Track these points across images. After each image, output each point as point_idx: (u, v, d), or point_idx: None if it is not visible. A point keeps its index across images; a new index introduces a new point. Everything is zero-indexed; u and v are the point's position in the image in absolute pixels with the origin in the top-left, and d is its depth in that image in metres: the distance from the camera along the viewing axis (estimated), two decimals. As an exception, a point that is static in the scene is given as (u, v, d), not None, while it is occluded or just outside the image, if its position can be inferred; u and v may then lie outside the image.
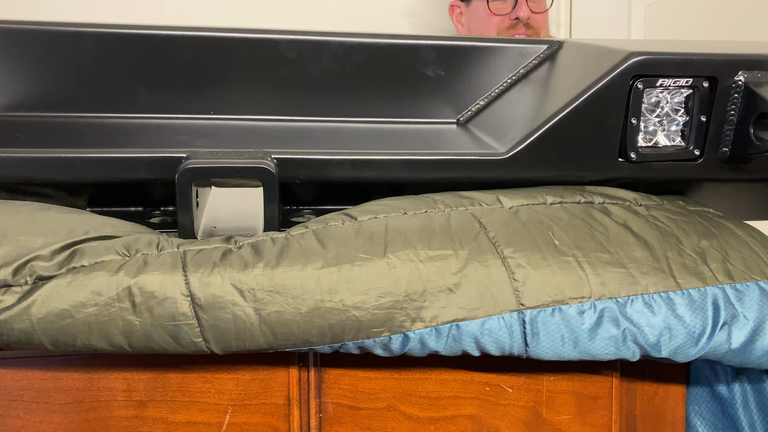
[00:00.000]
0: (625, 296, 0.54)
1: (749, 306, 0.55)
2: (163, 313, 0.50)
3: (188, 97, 0.72)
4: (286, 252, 0.53)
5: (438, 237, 0.56)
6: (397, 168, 0.63)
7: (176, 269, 0.51)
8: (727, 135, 0.65)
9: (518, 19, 1.36)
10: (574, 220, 0.59)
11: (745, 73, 0.63)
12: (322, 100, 0.75)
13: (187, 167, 0.56)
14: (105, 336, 0.50)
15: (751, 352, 0.54)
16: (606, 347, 0.53)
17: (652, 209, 0.63)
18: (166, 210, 0.66)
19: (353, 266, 0.52)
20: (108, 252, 0.52)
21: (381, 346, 0.53)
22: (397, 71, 0.75)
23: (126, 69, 0.70)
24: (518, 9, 1.36)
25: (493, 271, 0.54)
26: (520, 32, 1.37)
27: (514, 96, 0.75)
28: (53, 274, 0.50)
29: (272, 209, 0.58)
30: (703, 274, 0.56)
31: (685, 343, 0.54)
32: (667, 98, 0.66)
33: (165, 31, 0.71)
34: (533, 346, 0.53)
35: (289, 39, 0.72)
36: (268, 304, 0.50)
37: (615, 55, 0.63)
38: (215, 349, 0.52)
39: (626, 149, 0.64)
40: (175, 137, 0.67)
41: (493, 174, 0.64)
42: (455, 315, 0.53)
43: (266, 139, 0.69)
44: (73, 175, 0.59)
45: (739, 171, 0.67)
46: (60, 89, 0.70)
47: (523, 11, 1.36)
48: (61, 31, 0.69)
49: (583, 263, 0.55)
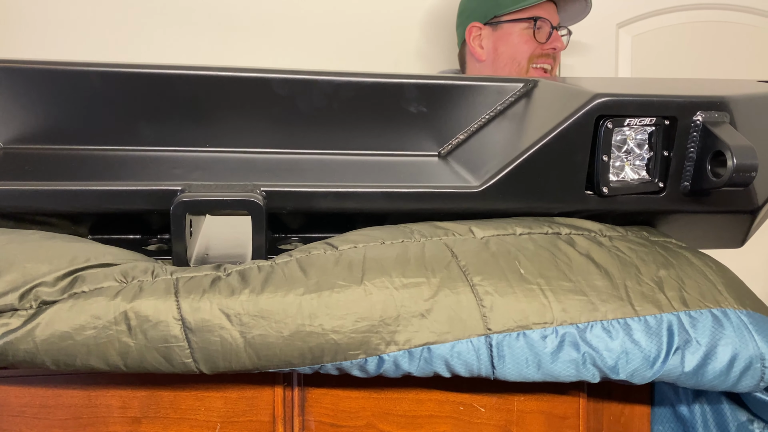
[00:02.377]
0: (585, 322, 0.58)
1: (702, 332, 0.59)
2: (156, 335, 0.54)
3: (185, 131, 0.77)
4: (270, 279, 0.57)
5: (412, 265, 0.60)
6: (377, 199, 0.68)
7: (169, 295, 0.55)
8: (687, 170, 0.70)
9: (555, 49, 1.44)
10: (539, 250, 0.63)
11: (702, 113, 0.68)
12: (311, 134, 0.79)
13: (182, 200, 0.60)
14: (102, 356, 0.54)
15: (704, 375, 0.58)
16: (567, 369, 0.57)
17: (615, 240, 0.67)
18: (162, 238, 0.71)
19: (332, 293, 0.57)
20: (107, 279, 0.56)
21: (358, 367, 0.57)
22: (382, 107, 0.80)
23: (127, 105, 0.75)
24: (555, 40, 1.44)
25: (462, 297, 0.58)
26: (548, 61, 1.45)
27: (491, 131, 0.80)
28: (56, 299, 0.54)
29: (260, 238, 0.62)
30: (659, 301, 0.60)
31: (641, 366, 0.58)
32: (632, 135, 0.70)
33: (164, 69, 0.76)
34: (499, 368, 0.57)
35: (281, 78, 0.77)
36: (252, 327, 0.55)
37: (582, 96, 0.68)
38: (204, 369, 0.56)
39: (599, 184, 0.68)
40: (172, 170, 0.72)
41: (468, 205, 0.68)
42: (427, 339, 0.57)
43: (257, 172, 0.74)
44: (76, 205, 0.64)
45: (699, 203, 0.71)
46: (66, 123, 0.75)
47: (560, 43, 1.45)
48: (67, 70, 0.74)
49: (547, 291, 0.59)
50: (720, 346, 0.58)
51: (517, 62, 1.45)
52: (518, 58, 1.45)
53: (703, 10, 1.76)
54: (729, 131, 0.66)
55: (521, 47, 1.44)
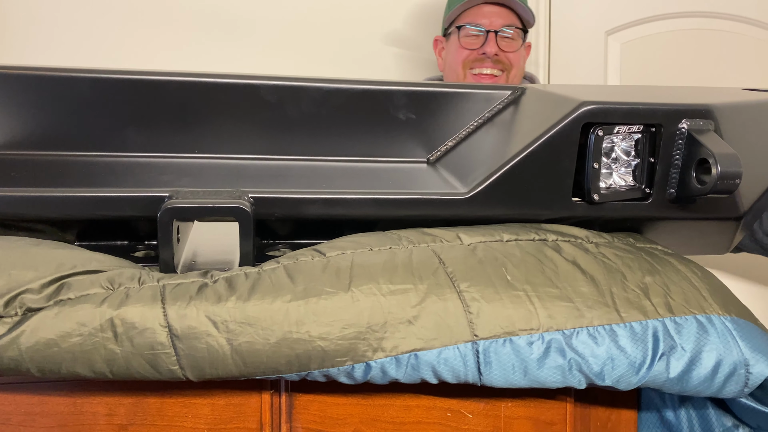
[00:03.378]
0: (571, 328, 0.58)
1: (687, 338, 0.59)
2: (142, 342, 0.54)
3: (174, 138, 0.77)
4: (257, 286, 0.57)
5: (400, 272, 0.60)
6: (366, 206, 0.68)
7: (156, 302, 0.55)
8: (673, 177, 0.70)
9: (485, 54, 1.43)
10: (526, 256, 0.63)
11: (687, 121, 0.68)
12: (300, 140, 0.80)
13: (169, 207, 0.60)
14: (88, 363, 0.54)
15: (688, 381, 0.58)
16: (553, 376, 0.58)
17: (602, 246, 0.67)
18: (149, 244, 0.71)
19: (319, 299, 0.57)
20: (93, 285, 0.56)
21: (345, 374, 0.57)
22: (371, 114, 0.80)
23: (116, 111, 0.75)
24: (487, 45, 1.43)
25: (449, 304, 0.58)
26: (486, 65, 1.43)
27: (479, 138, 0.80)
28: (41, 306, 0.54)
29: (247, 245, 0.62)
30: (645, 308, 0.60)
31: (626, 373, 0.58)
32: (619, 142, 0.71)
33: (153, 76, 0.76)
34: (486, 374, 0.58)
35: (269, 84, 0.78)
36: (239, 334, 0.55)
37: (568, 104, 0.68)
38: (190, 377, 0.56)
39: (590, 191, 0.69)
40: (160, 176, 0.72)
41: (456, 212, 0.69)
42: (414, 345, 0.57)
43: (246, 178, 0.74)
44: (64, 212, 0.64)
45: (685, 210, 0.72)
46: (53, 129, 0.75)
47: (491, 47, 1.42)
48: (54, 76, 0.74)
49: (533, 297, 0.59)
50: (705, 352, 0.59)
51: (453, 70, 1.48)
52: (454, 66, 1.48)
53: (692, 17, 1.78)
54: (713, 139, 0.67)
55: (455, 55, 1.48)
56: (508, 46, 1.43)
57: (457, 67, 1.46)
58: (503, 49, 1.42)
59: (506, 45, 1.43)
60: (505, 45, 1.43)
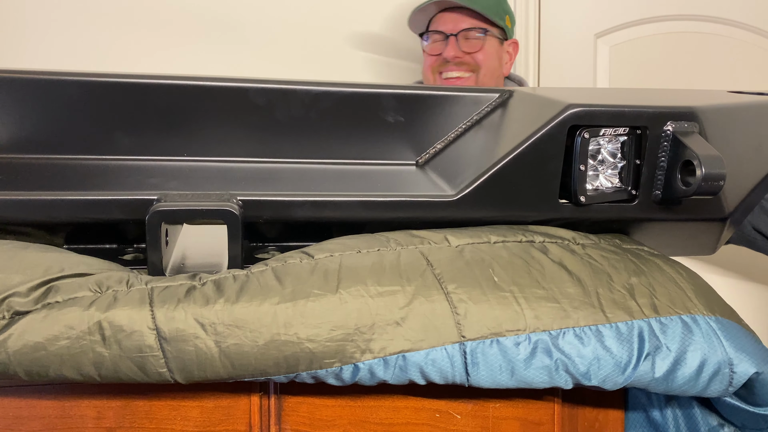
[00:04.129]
0: (557, 329, 0.59)
1: (672, 338, 0.60)
2: (130, 345, 0.54)
3: (163, 141, 0.77)
4: (245, 288, 0.57)
5: (387, 274, 0.60)
6: (354, 208, 0.68)
7: (144, 305, 0.55)
8: (659, 179, 0.71)
9: (446, 59, 1.45)
10: (513, 258, 0.64)
11: (673, 123, 0.69)
12: (289, 143, 0.80)
13: (157, 210, 0.60)
14: (76, 367, 0.54)
15: (674, 381, 0.59)
16: (540, 376, 0.58)
17: (588, 248, 0.68)
18: (138, 247, 0.71)
19: (307, 301, 0.57)
20: (81, 289, 0.56)
21: (333, 375, 0.57)
22: (360, 117, 0.81)
23: (105, 114, 0.75)
24: (446, 49, 1.45)
25: (437, 305, 0.59)
26: (450, 69, 1.45)
27: (468, 140, 0.81)
28: (29, 309, 0.54)
29: (236, 248, 0.63)
30: (630, 308, 0.61)
31: (612, 372, 0.59)
32: (605, 144, 0.71)
33: (142, 79, 0.76)
34: (474, 375, 0.58)
35: (258, 87, 0.78)
36: (227, 337, 0.55)
37: (555, 107, 0.69)
38: (179, 379, 0.56)
39: (576, 193, 0.69)
40: (148, 179, 0.72)
41: (444, 214, 0.69)
42: (402, 346, 0.57)
43: (235, 181, 0.74)
44: (52, 215, 0.64)
45: (670, 212, 0.72)
46: (41, 132, 0.75)
47: (449, 51, 1.44)
48: (43, 79, 0.74)
49: (520, 298, 0.60)
50: (689, 351, 0.59)
51: (426, 76, 1.53)
52: (426, 72, 1.53)
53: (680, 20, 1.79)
54: (698, 141, 0.68)
55: (425, 62, 1.53)
56: (471, 47, 1.46)
57: (428, 73, 1.51)
58: (466, 50, 1.45)
59: (469, 46, 1.46)
60: (467, 46, 1.46)
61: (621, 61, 1.76)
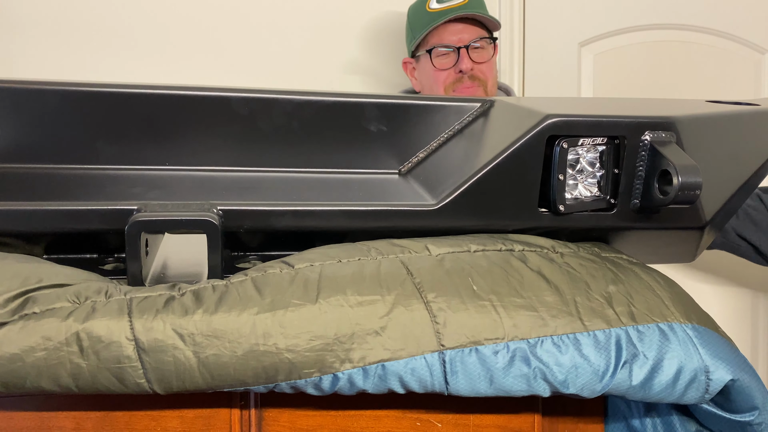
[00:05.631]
0: (535, 337, 0.59)
1: (649, 346, 0.60)
2: (108, 356, 0.54)
3: (144, 150, 0.77)
4: (224, 299, 0.57)
5: (367, 283, 0.61)
6: (336, 218, 0.68)
7: (122, 315, 0.55)
8: (637, 188, 0.72)
9: (462, 72, 1.42)
10: (492, 267, 0.64)
11: (650, 133, 0.70)
12: (271, 152, 0.80)
13: (137, 220, 0.60)
14: (53, 378, 0.54)
15: (651, 388, 0.60)
16: (518, 384, 0.58)
17: (567, 256, 0.69)
18: (119, 257, 0.70)
19: (287, 311, 0.57)
20: (59, 299, 0.56)
21: (312, 385, 0.57)
22: (343, 126, 0.81)
23: (86, 123, 0.75)
24: (460, 62, 1.42)
25: (416, 314, 0.59)
26: (466, 84, 1.43)
27: (449, 149, 0.81)
28: (6, 320, 0.54)
29: (215, 258, 0.63)
30: (608, 316, 0.62)
31: (590, 381, 0.59)
32: (584, 154, 0.72)
33: (124, 88, 0.76)
34: (453, 383, 0.58)
35: (241, 96, 0.78)
36: (206, 347, 0.55)
37: (533, 117, 0.69)
38: (157, 390, 0.56)
39: (555, 202, 0.70)
40: (130, 189, 0.72)
41: (425, 223, 0.70)
42: (381, 356, 0.57)
43: (216, 190, 0.74)
44: (31, 226, 0.63)
45: (648, 220, 0.73)
46: (22, 142, 0.74)
47: (466, 63, 1.42)
48: (24, 89, 0.74)
49: (498, 307, 0.60)
50: (666, 359, 0.60)
51: (435, 93, 1.46)
52: (435, 89, 1.47)
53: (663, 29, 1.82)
54: (675, 150, 0.69)
55: (433, 77, 1.46)
56: (481, 57, 1.44)
57: (439, 90, 1.45)
58: (476, 61, 1.43)
59: (478, 56, 1.44)
60: (477, 57, 1.44)
61: (605, 69, 1.78)
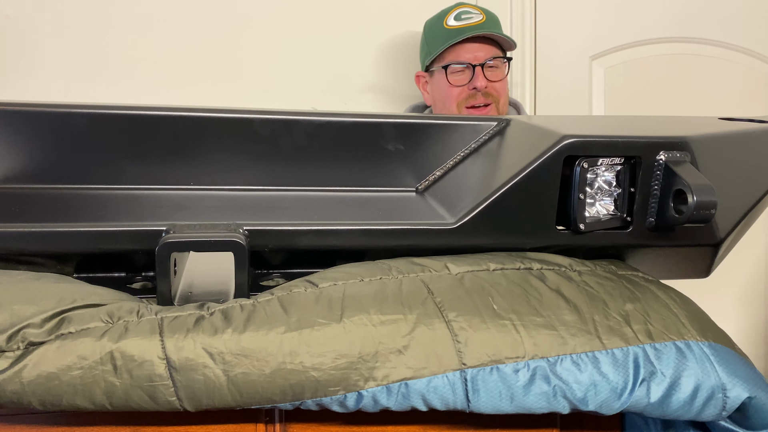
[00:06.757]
0: (555, 356, 0.60)
1: (666, 363, 0.62)
2: (141, 374, 0.56)
3: (170, 170, 0.79)
4: (252, 318, 0.59)
5: (390, 302, 0.62)
6: (356, 237, 0.70)
7: (154, 335, 0.57)
8: (652, 207, 0.73)
9: (476, 89, 1.44)
10: (512, 286, 0.65)
11: (665, 153, 0.71)
12: (292, 171, 0.82)
13: (167, 241, 0.62)
14: (89, 396, 0.56)
15: (669, 406, 0.61)
16: (539, 402, 0.60)
17: (585, 275, 0.70)
18: (146, 275, 0.72)
19: (312, 330, 0.59)
20: (93, 319, 0.58)
21: (337, 403, 0.59)
22: (362, 146, 0.83)
23: (114, 145, 0.77)
24: (475, 80, 1.44)
25: (438, 333, 0.60)
26: (478, 101, 1.44)
27: (466, 167, 0.83)
28: (43, 340, 0.56)
29: (242, 276, 0.64)
30: (626, 335, 0.63)
31: (609, 398, 0.60)
32: (601, 173, 0.74)
33: (150, 111, 0.78)
34: (474, 401, 0.60)
35: (263, 118, 0.80)
36: (235, 366, 0.57)
37: (551, 137, 0.71)
38: (188, 407, 0.57)
39: (575, 221, 0.71)
40: (156, 209, 0.74)
41: (444, 241, 0.71)
42: (404, 374, 0.59)
43: (240, 209, 0.76)
44: (64, 246, 0.66)
45: (664, 238, 0.74)
46: (52, 163, 0.77)
47: (480, 81, 1.44)
48: (54, 112, 0.76)
49: (519, 326, 0.61)
50: (683, 377, 0.61)
51: (447, 108, 1.48)
52: (447, 104, 1.49)
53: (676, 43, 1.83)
54: (689, 170, 0.70)
55: (446, 93, 1.48)
56: (495, 76, 1.46)
57: (451, 105, 1.47)
58: (490, 79, 1.45)
59: (493, 75, 1.46)
60: (491, 75, 1.45)
61: (616, 82, 1.79)
